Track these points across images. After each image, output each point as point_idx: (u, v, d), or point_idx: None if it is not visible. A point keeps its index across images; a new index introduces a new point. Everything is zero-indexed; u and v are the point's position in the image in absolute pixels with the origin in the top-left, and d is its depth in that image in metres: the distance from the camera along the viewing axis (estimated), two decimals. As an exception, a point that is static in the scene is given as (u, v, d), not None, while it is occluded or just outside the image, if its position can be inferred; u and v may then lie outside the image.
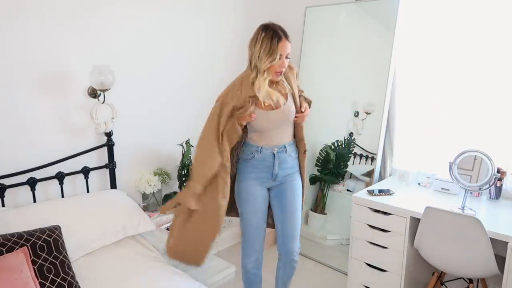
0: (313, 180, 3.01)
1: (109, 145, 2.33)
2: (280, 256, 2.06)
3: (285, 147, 1.95)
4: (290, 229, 1.99)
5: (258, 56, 1.77)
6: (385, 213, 2.15)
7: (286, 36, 1.79)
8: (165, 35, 2.59)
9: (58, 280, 1.56)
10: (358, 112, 2.79)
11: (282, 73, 1.86)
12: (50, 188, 2.14)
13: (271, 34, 1.75)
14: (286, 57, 1.81)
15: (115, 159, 2.37)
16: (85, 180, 2.27)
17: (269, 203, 2.07)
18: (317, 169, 2.99)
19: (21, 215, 1.87)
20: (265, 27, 1.79)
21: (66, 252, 1.67)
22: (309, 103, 2.04)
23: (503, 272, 1.77)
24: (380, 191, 2.30)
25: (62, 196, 2.17)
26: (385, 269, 2.21)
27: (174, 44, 2.65)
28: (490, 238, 1.75)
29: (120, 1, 2.32)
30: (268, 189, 2.02)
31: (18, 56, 1.97)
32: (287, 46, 1.79)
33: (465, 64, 2.33)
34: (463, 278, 2.04)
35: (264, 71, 1.79)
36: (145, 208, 2.49)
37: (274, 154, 1.93)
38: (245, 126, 1.92)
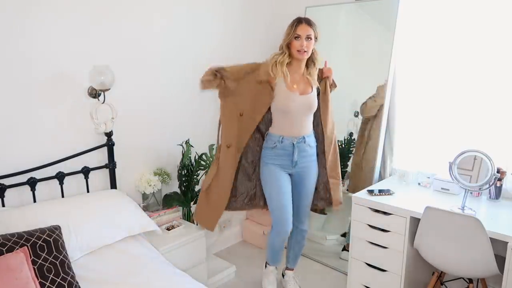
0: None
1: (109, 145, 2.33)
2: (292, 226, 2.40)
3: (304, 138, 2.22)
4: (304, 210, 2.39)
5: (283, 39, 2.14)
6: (385, 213, 2.15)
7: (307, 23, 2.12)
8: (165, 35, 2.59)
9: (58, 280, 1.56)
10: (358, 112, 2.79)
11: (304, 54, 2.12)
12: (50, 188, 2.14)
13: (293, 21, 2.14)
14: (308, 39, 2.10)
15: (115, 159, 2.37)
16: (85, 180, 2.27)
17: None
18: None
19: (21, 215, 1.87)
20: (294, 19, 2.15)
21: (66, 252, 1.67)
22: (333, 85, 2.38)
23: (503, 272, 1.77)
24: (380, 191, 2.30)
25: (62, 196, 2.17)
26: (385, 269, 2.21)
27: (174, 44, 2.65)
28: (490, 238, 1.75)
29: (120, 2, 2.32)
30: (290, 174, 2.28)
31: (19, 57, 1.97)
32: (305, 29, 2.10)
33: (465, 64, 2.33)
34: (463, 278, 2.04)
35: (285, 49, 2.13)
36: (145, 208, 2.49)
37: (293, 144, 2.19)
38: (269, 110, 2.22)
